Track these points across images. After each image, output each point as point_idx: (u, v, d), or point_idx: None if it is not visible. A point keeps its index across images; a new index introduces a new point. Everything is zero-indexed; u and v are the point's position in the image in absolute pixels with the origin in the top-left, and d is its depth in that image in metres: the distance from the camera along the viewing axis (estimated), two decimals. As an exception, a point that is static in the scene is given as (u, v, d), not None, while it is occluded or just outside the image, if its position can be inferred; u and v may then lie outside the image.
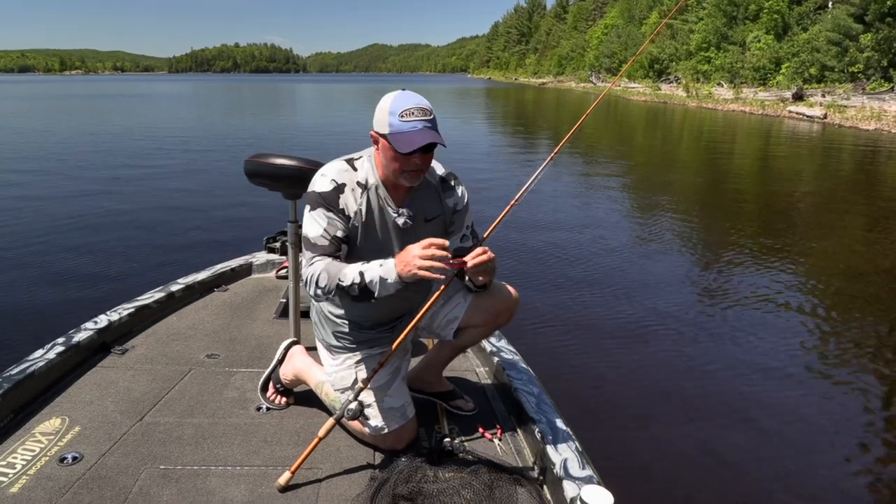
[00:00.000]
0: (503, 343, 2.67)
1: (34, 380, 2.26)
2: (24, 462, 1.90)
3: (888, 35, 27.11)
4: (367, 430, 2.00)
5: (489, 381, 2.56)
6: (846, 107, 24.60)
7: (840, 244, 6.82)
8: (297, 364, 2.26)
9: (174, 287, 3.20)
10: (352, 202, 1.90)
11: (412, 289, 1.83)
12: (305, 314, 2.67)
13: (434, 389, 2.32)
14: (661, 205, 8.88)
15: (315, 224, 1.86)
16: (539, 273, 5.53)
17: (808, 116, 24.31)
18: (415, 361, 2.38)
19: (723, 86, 38.22)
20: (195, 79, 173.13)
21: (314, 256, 1.84)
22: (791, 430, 3.15)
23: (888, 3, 26.88)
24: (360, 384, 1.94)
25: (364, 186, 1.92)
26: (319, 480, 1.87)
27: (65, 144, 14.85)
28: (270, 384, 2.33)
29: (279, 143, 15.73)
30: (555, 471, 1.83)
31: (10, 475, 1.83)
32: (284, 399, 2.31)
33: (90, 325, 2.67)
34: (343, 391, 2.05)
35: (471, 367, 2.68)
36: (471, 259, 1.78)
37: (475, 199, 2.13)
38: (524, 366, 2.49)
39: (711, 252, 6.38)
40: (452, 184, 2.05)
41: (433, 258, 1.66)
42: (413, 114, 1.78)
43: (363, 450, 2.04)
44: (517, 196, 1.99)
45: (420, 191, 1.97)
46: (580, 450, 1.92)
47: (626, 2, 66.88)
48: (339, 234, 1.87)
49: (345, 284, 1.76)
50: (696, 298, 5.00)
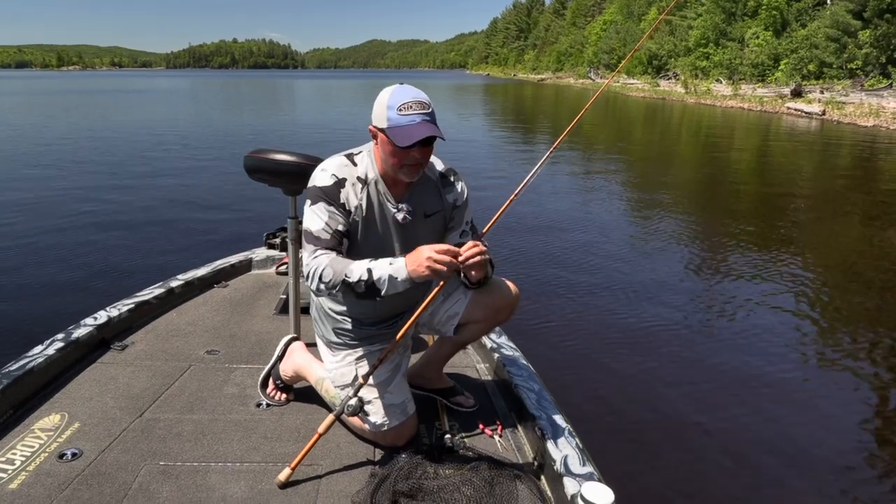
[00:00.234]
0: (503, 339, 2.66)
1: (33, 376, 2.25)
2: (24, 458, 1.89)
3: (886, 31, 27.09)
4: (368, 427, 2.00)
5: (489, 378, 2.56)
6: (844, 103, 24.60)
7: (839, 241, 6.83)
8: (297, 360, 2.25)
9: (174, 283, 3.20)
10: (353, 197, 1.89)
11: (417, 287, 1.83)
12: (305, 310, 2.66)
13: (434, 386, 2.32)
14: (661, 201, 8.88)
15: (316, 218, 1.85)
16: (539, 269, 5.53)
17: (807, 113, 24.33)
18: (415, 358, 2.38)
19: (721, 82, 38.20)
20: (193, 74, 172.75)
21: (316, 250, 1.83)
22: (791, 428, 3.15)
23: (887, 0, 26.86)
24: (361, 380, 1.93)
25: (364, 181, 1.91)
26: (319, 477, 1.87)
27: (63, 141, 14.81)
28: (270, 380, 2.33)
29: (278, 139, 15.71)
30: (555, 467, 1.83)
31: (10, 471, 1.83)
32: (284, 395, 2.30)
33: (89, 321, 2.66)
34: (343, 387, 2.05)
35: (471, 364, 2.68)
36: (462, 253, 1.75)
37: (474, 195, 2.12)
38: (524, 362, 2.48)
39: (711, 249, 6.39)
40: (452, 179, 2.04)
41: (445, 263, 1.67)
42: (411, 107, 1.78)
43: (363, 446, 2.04)
44: (516, 191, 1.98)
45: (419, 186, 1.97)
46: (581, 446, 1.92)
47: (625, -3, 66.84)
48: (341, 229, 1.86)
49: (351, 280, 1.75)
50: (697, 295, 5.01)
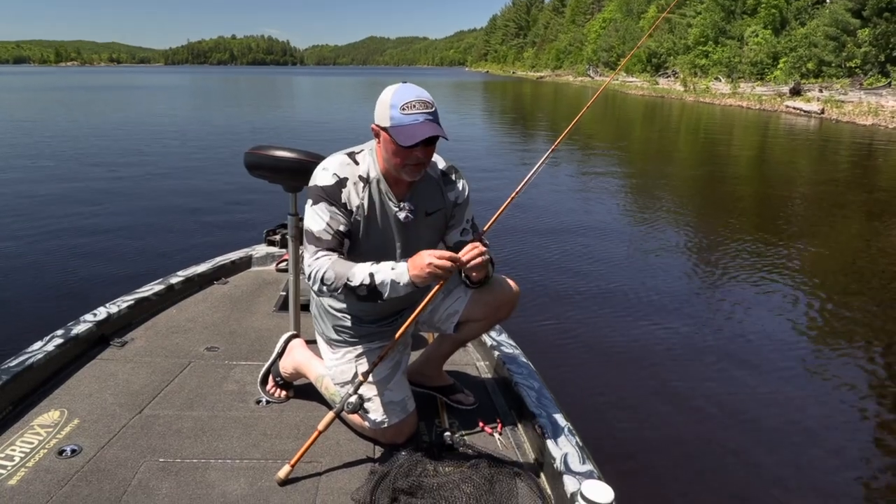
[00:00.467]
0: (503, 337, 2.66)
1: (33, 372, 2.25)
2: (23, 454, 1.89)
3: (886, 30, 27.11)
4: (367, 424, 2.00)
5: (489, 376, 2.56)
6: (843, 102, 24.59)
7: (838, 239, 6.83)
8: (297, 357, 2.25)
9: (174, 280, 3.19)
10: (354, 196, 1.88)
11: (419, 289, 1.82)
12: (305, 307, 2.66)
13: (434, 383, 2.32)
14: (660, 200, 8.88)
15: (318, 218, 1.85)
16: (539, 267, 5.53)
17: (806, 111, 24.32)
18: (415, 355, 2.38)
19: (720, 80, 38.20)
20: (192, 71, 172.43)
21: (318, 251, 1.83)
22: (791, 427, 3.16)
23: (886, -1, 26.92)
24: (361, 378, 1.93)
25: (366, 180, 1.90)
26: (319, 474, 1.87)
27: (62, 136, 14.76)
28: (270, 377, 2.33)
29: (278, 136, 15.67)
30: (555, 465, 1.83)
31: (9, 467, 1.83)
32: (284, 392, 2.30)
33: (89, 318, 2.65)
34: (343, 385, 2.05)
35: (471, 361, 2.68)
36: (464, 255, 1.76)
37: (474, 194, 2.12)
38: (524, 360, 2.49)
39: (710, 248, 6.39)
40: (454, 177, 2.04)
41: (446, 269, 1.68)
42: (414, 107, 1.77)
43: (363, 443, 2.04)
44: (517, 189, 1.98)
45: (421, 184, 1.96)
46: (581, 444, 1.92)
47: (625, -5, 66.78)
48: (342, 229, 1.86)
49: (353, 284, 1.76)
50: (697, 294, 5.01)
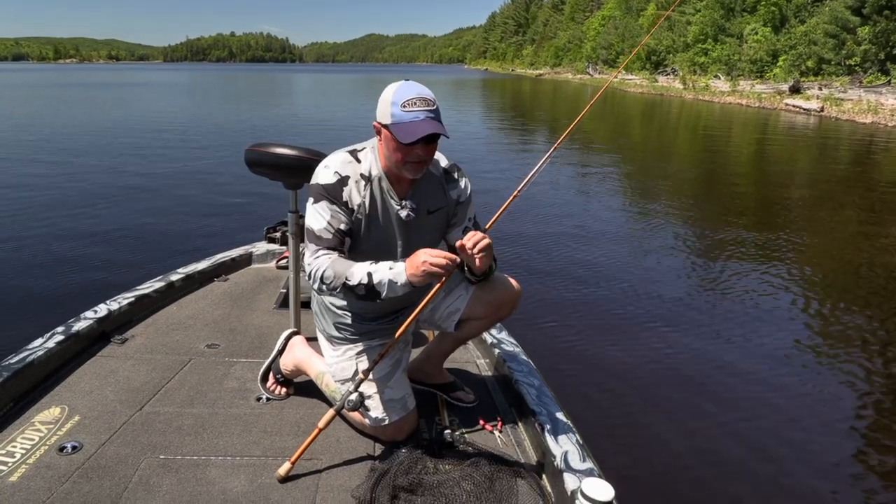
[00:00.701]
0: (504, 335, 2.66)
1: (33, 368, 2.25)
2: (24, 451, 1.89)
3: (885, 28, 27.10)
4: (368, 422, 2.00)
5: (490, 373, 2.56)
6: (843, 100, 24.57)
7: (837, 237, 6.84)
8: (298, 354, 2.25)
9: (174, 276, 3.19)
10: (356, 195, 1.88)
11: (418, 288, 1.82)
12: (306, 304, 2.66)
13: (435, 381, 2.32)
14: (660, 197, 8.89)
15: (319, 217, 1.84)
16: (540, 265, 5.53)
17: (805, 109, 24.31)
18: (415, 353, 2.38)
19: (720, 78, 38.18)
20: (191, 68, 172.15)
21: (318, 250, 1.83)
22: (792, 427, 3.16)
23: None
24: (361, 375, 1.93)
25: (367, 178, 1.90)
26: (319, 471, 1.87)
27: (62, 133, 14.74)
28: (270, 374, 2.33)
29: (278, 133, 15.66)
30: (555, 463, 1.83)
31: (10, 464, 1.83)
32: (284, 389, 2.30)
33: (90, 314, 2.66)
34: (343, 382, 2.05)
35: (471, 359, 2.68)
36: (469, 241, 1.76)
37: (477, 192, 2.12)
38: (525, 358, 2.49)
39: (710, 246, 6.39)
40: (456, 175, 2.03)
41: (441, 266, 1.67)
42: (415, 104, 1.77)
43: (363, 441, 2.04)
44: (519, 188, 1.98)
45: (423, 182, 1.96)
46: (581, 442, 1.92)
47: (624, -7, 66.71)
48: (343, 227, 1.86)
49: (352, 284, 1.76)
50: (697, 293, 5.00)
